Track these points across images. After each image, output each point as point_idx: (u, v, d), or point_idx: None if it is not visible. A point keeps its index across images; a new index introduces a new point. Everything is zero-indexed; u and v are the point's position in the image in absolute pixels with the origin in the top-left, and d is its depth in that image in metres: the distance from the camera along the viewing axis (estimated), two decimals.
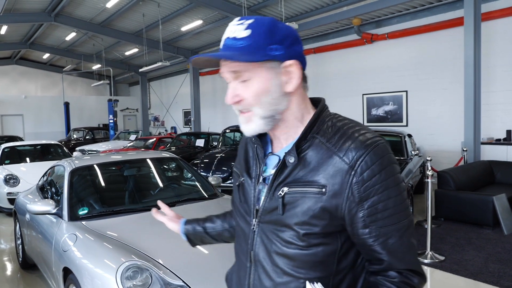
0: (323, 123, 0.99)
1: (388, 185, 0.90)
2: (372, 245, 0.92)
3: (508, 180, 6.53)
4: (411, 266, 0.93)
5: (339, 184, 0.90)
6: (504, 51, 7.93)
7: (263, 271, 1.01)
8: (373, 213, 0.90)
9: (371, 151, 0.90)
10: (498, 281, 3.79)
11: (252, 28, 0.94)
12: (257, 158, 1.06)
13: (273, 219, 0.98)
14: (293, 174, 0.95)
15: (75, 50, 18.33)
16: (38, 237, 3.48)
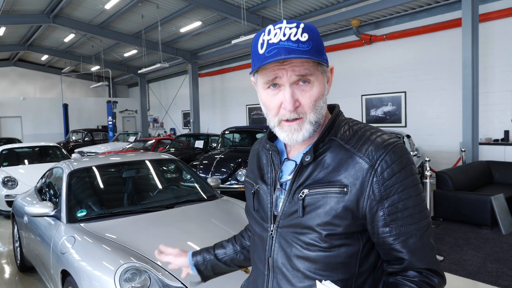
0: (339, 126, 1.01)
1: (408, 185, 0.92)
2: (393, 244, 0.92)
3: (506, 180, 6.54)
4: (431, 265, 0.94)
5: (360, 183, 0.91)
6: (501, 52, 7.96)
7: (282, 277, 1.00)
8: (393, 212, 0.91)
9: (391, 151, 0.92)
10: (496, 280, 3.80)
11: (308, 32, 0.92)
12: (272, 164, 1.07)
13: (293, 223, 0.97)
14: (313, 176, 0.96)
15: (74, 51, 18.33)
16: (36, 239, 3.48)
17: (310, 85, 0.94)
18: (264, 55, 0.92)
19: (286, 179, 1.03)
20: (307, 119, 0.95)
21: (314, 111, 0.95)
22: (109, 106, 17.44)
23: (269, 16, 11.18)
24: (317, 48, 0.93)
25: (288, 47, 0.89)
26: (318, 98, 0.95)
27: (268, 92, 0.97)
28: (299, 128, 0.95)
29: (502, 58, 7.97)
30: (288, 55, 0.89)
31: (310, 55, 0.90)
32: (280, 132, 0.98)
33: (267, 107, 0.99)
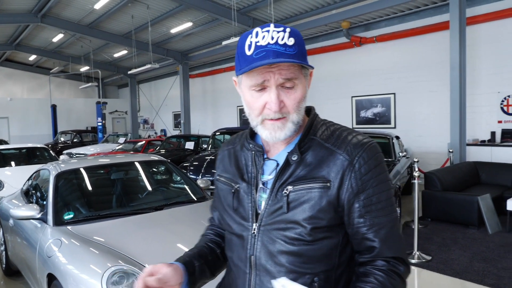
0: (317, 127, 1.08)
1: (381, 180, 1.01)
2: (366, 233, 0.99)
3: (492, 180, 6.64)
4: (398, 253, 1.01)
5: (340, 177, 0.98)
6: (488, 54, 8.08)
7: (266, 274, 1.03)
8: (368, 204, 0.99)
9: (367, 149, 1.01)
10: (482, 279, 3.85)
11: (294, 36, 0.96)
12: (255, 164, 1.09)
13: (277, 219, 1.01)
14: (295, 174, 1.01)
15: (62, 51, 18.12)
16: (22, 243, 3.43)
17: (295, 87, 0.98)
18: (252, 56, 0.94)
19: (267, 178, 1.06)
20: (290, 119, 0.99)
21: (297, 112, 1.00)
22: (98, 107, 17.29)
23: (260, 17, 11.20)
24: (302, 52, 0.97)
25: (276, 50, 0.93)
26: (301, 100, 1.00)
27: (253, 94, 0.99)
28: (282, 127, 0.99)
29: (488, 61, 8.09)
30: (276, 58, 0.92)
31: (296, 59, 0.94)
32: (263, 130, 1.01)
33: (251, 107, 1.01)
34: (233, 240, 1.12)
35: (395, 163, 6.21)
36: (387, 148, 6.59)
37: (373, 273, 0.98)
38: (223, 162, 1.21)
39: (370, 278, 0.97)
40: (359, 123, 10.74)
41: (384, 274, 0.97)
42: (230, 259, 1.16)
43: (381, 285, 0.96)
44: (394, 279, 0.97)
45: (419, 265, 4.29)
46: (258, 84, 0.97)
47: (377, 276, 0.97)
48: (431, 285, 3.86)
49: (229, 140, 1.26)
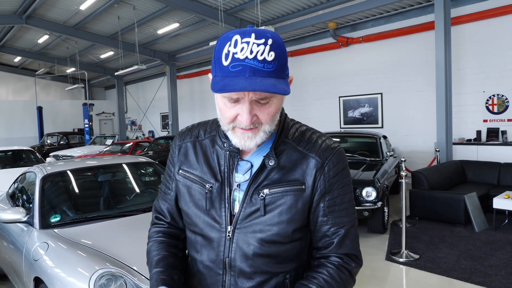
0: (288, 128, 1.09)
1: (346, 183, 1.07)
2: (327, 231, 1.05)
3: (478, 179, 6.75)
4: (353, 251, 1.07)
5: (312, 180, 1.03)
6: (473, 54, 8.22)
7: (241, 275, 1.03)
8: (332, 205, 1.05)
9: (336, 153, 1.06)
10: (469, 277, 3.90)
11: (275, 50, 0.91)
12: (228, 164, 1.06)
13: (253, 222, 1.01)
14: (270, 177, 1.02)
15: (48, 53, 17.87)
16: (8, 246, 3.36)
17: (270, 103, 0.96)
18: (228, 68, 0.91)
19: (241, 179, 1.05)
20: (262, 129, 0.98)
21: (270, 124, 0.99)
22: (85, 109, 17.08)
23: (246, 18, 11.20)
24: (281, 66, 0.93)
25: (253, 66, 0.89)
26: (275, 113, 0.99)
27: (226, 102, 0.97)
28: (253, 136, 0.98)
29: (473, 60, 8.23)
30: (252, 76, 0.89)
31: (274, 76, 0.91)
32: (233, 136, 1.00)
33: (222, 115, 0.99)
34: (199, 241, 1.08)
35: (383, 162, 6.27)
36: (375, 148, 6.64)
37: (326, 266, 1.04)
38: (187, 156, 1.14)
39: (322, 270, 1.04)
40: (347, 123, 10.82)
41: (335, 268, 1.04)
42: (195, 260, 1.11)
43: (331, 277, 1.02)
44: (344, 273, 1.04)
45: (407, 264, 4.33)
46: (232, 99, 0.94)
47: (329, 269, 1.04)
48: (418, 283, 3.90)
49: (190, 131, 1.18)
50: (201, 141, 1.13)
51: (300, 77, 11.63)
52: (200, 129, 1.17)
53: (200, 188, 1.08)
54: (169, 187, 1.19)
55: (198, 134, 1.15)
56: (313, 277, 1.03)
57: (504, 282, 3.74)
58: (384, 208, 5.46)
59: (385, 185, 5.63)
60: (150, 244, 1.20)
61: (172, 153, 1.18)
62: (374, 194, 5.08)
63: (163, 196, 1.22)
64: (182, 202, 1.13)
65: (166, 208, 1.21)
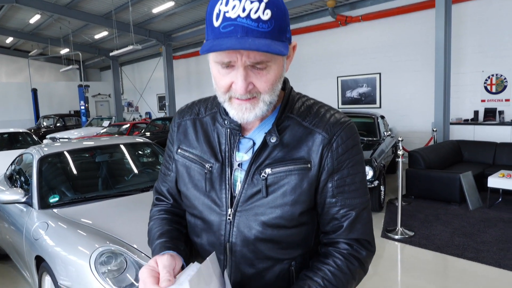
0: (293, 102, 0.99)
1: (357, 161, 0.97)
2: (336, 214, 0.96)
3: (474, 158, 6.80)
4: (365, 236, 0.98)
5: (319, 157, 0.93)
6: (473, 33, 8.14)
7: (243, 260, 0.97)
8: (342, 185, 0.95)
9: (346, 128, 0.96)
10: (462, 253, 3.99)
11: (271, 8, 0.81)
12: (229, 142, 0.98)
13: (255, 205, 0.94)
14: (273, 155, 0.94)
15: (40, 33, 17.56)
16: (8, 227, 3.39)
17: (267, 69, 0.85)
18: (219, 29, 0.81)
19: (242, 158, 0.97)
20: (261, 99, 0.88)
21: (269, 93, 0.88)
22: (80, 90, 16.93)
23: None
24: (280, 27, 0.83)
25: (246, 26, 0.79)
26: (275, 81, 0.88)
27: (219, 69, 0.87)
28: (251, 108, 0.88)
29: (473, 39, 8.16)
30: (245, 36, 0.79)
31: (270, 37, 0.81)
32: (230, 108, 0.90)
33: (217, 84, 0.90)
34: (199, 224, 1.03)
35: (380, 142, 6.30)
36: (372, 128, 6.66)
37: (333, 255, 0.95)
38: (186, 134, 1.07)
39: (329, 260, 0.95)
40: (345, 103, 10.79)
41: (343, 258, 0.94)
42: (196, 244, 1.06)
43: (339, 269, 0.93)
44: (353, 264, 0.95)
45: (402, 241, 4.41)
46: (224, 63, 0.85)
47: (336, 259, 0.94)
48: (413, 259, 3.98)
49: (190, 108, 1.11)
50: (201, 118, 1.06)
51: (297, 57, 11.46)
52: (200, 106, 1.09)
53: (200, 168, 1.01)
54: (169, 168, 1.12)
55: (198, 112, 1.08)
56: (318, 268, 0.94)
57: (495, 257, 3.82)
58: (381, 187, 5.52)
59: (382, 165, 5.67)
60: (151, 223, 1.13)
61: (171, 131, 1.12)
62: (371, 173, 5.12)
63: (163, 177, 1.15)
64: (181, 184, 1.06)
65: (166, 189, 1.15)
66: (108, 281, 2.13)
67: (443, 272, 3.75)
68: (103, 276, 2.15)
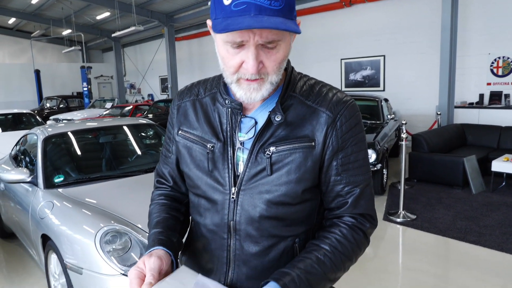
0: (295, 81, 1.00)
1: (360, 139, 0.99)
2: (340, 191, 0.99)
3: (478, 142, 6.77)
4: (368, 211, 1.01)
5: (323, 136, 0.95)
6: (480, 14, 7.99)
7: (247, 238, 0.98)
8: (346, 163, 0.98)
9: (348, 107, 0.97)
10: (464, 236, 4.01)
11: None
12: (230, 122, 0.99)
13: (259, 183, 0.95)
14: (277, 134, 0.95)
15: (42, 14, 17.38)
16: (15, 206, 3.44)
17: (277, 48, 0.87)
18: (230, 8, 0.81)
19: (244, 137, 0.98)
20: (268, 80, 0.90)
21: (276, 73, 0.90)
22: (83, 72, 16.87)
23: None
24: (290, 5, 0.83)
25: (259, 4, 0.79)
26: (283, 61, 0.90)
27: (229, 49, 0.87)
28: (259, 88, 0.90)
29: (480, 21, 8.01)
30: (258, 14, 0.79)
31: (281, 15, 0.81)
32: (238, 89, 0.91)
33: (226, 64, 0.90)
34: (203, 204, 1.04)
35: (383, 125, 6.27)
36: (376, 111, 6.62)
37: (339, 225, 0.98)
38: (186, 116, 1.07)
39: (335, 229, 0.98)
40: (348, 86, 10.71)
41: (349, 227, 0.98)
42: (199, 224, 1.06)
43: (344, 237, 0.96)
44: (358, 234, 0.98)
45: (404, 224, 4.43)
46: (235, 43, 0.84)
47: (342, 228, 0.98)
48: (415, 242, 4.01)
49: (189, 89, 1.12)
50: (201, 99, 1.06)
51: (300, 39, 11.38)
52: (200, 87, 1.09)
53: (201, 149, 1.02)
54: (169, 150, 1.13)
55: (198, 93, 1.08)
56: (325, 237, 0.97)
57: (497, 241, 3.85)
58: (383, 170, 5.52)
59: (385, 148, 5.66)
60: (151, 207, 1.15)
61: (171, 114, 1.12)
62: (374, 156, 5.12)
63: (164, 159, 1.17)
64: (183, 164, 1.07)
65: (168, 172, 1.16)
66: (113, 260, 2.16)
67: (445, 255, 3.78)
68: (108, 254, 2.18)
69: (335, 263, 0.94)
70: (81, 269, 2.23)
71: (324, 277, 0.92)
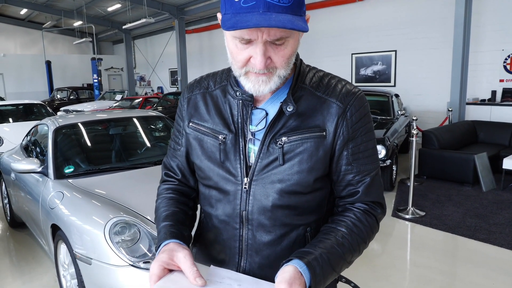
0: (305, 73, 1.03)
1: (369, 129, 1.02)
2: (351, 180, 1.01)
3: (490, 139, 6.68)
4: (378, 199, 1.04)
5: (334, 126, 0.97)
6: (494, 9, 7.83)
7: (259, 227, 1.00)
8: (356, 152, 1.00)
9: (358, 98, 1.00)
10: (474, 234, 3.97)
11: None
12: (242, 114, 1.00)
13: (272, 172, 0.97)
14: (288, 125, 0.97)
15: (54, 5, 17.49)
16: (25, 196, 3.48)
17: (285, 44, 0.88)
18: (239, 4, 0.82)
19: (255, 128, 1.00)
20: (276, 73, 0.91)
21: (285, 67, 0.92)
22: (93, 64, 16.96)
23: None
24: (298, 2, 0.84)
25: (268, 1, 0.80)
26: (291, 56, 0.92)
27: (237, 44, 0.88)
28: (267, 80, 0.91)
29: (494, 16, 7.85)
30: (267, 12, 0.80)
31: (290, 12, 0.82)
32: (246, 82, 0.93)
33: (234, 58, 0.92)
34: (214, 195, 1.05)
35: (394, 121, 6.21)
36: (386, 106, 6.56)
37: (353, 210, 1.01)
38: (197, 108, 1.08)
39: (349, 213, 1.01)
40: (359, 81, 10.61)
41: (362, 211, 1.01)
42: (210, 215, 1.08)
43: (359, 220, 0.99)
44: (371, 218, 1.01)
45: (412, 220, 4.40)
46: (243, 39, 0.86)
47: (356, 212, 1.01)
48: (423, 239, 3.98)
49: (198, 82, 1.12)
50: (211, 92, 1.07)
51: (311, 33, 11.29)
52: (209, 80, 1.10)
53: (213, 140, 1.02)
54: (178, 142, 1.14)
55: (208, 86, 1.09)
56: (340, 220, 1.00)
57: (508, 239, 3.80)
58: (393, 166, 5.48)
59: (394, 144, 5.62)
60: (159, 201, 1.15)
61: (181, 106, 1.12)
62: (383, 152, 5.08)
63: (172, 152, 1.17)
64: (194, 156, 1.08)
65: (176, 165, 1.16)
66: (122, 251, 2.18)
67: (453, 252, 3.75)
68: (117, 245, 2.20)
69: (352, 245, 0.96)
70: (90, 260, 2.26)
71: (343, 257, 0.94)
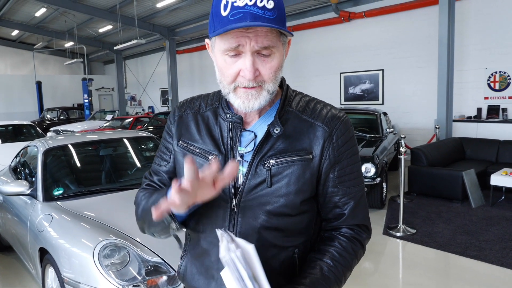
0: (291, 97, 1.05)
1: (354, 152, 1.04)
2: (338, 202, 1.03)
3: (477, 156, 6.78)
4: (364, 221, 1.06)
5: (320, 149, 0.99)
6: (476, 30, 8.10)
7: None
8: (342, 175, 1.02)
9: (343, 122, 1.03)
10: (464, 251, 3.99)
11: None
12: (231, 136, 1.01)
13: (259, 194, 0.97)
14: (275, 147, 0.98)
15: (45, 27, 17.58)
16: (13, 219, 3.43)
17: (272, 56, 0.92)
18: (227, 18, 0.87)
19: (244, 150, 1.01)
20: (265, 88, 0.93)
21: (273, 81, 0.94)
22: (84, 84, 16.97)
23: None
24: (281, 17, 0.90)
25: (254, 13, 0.85)
26: (278, 69, 0.94)
27: (226, 59, 0.92)
28: (257, 95, 0.93)
29: (476, 36, 8.11)
30: (254, 22, 0.85)
31: (275, 23, 0.87)
32: (235, 98, 0.95)
33: (223, 74, 0.94)
34: (203, 213, 1.03)
35: (382, 139, 6.29)
36: (375, 125, 6.65)
37: (338, 238, 1.03)
38: (187, 128, 1.08)
39: (335, 242, 1.02)
40: (348, 100, 10.77)
41: (347, 240, 1.02)
42: (198, 236, 1.07)
43: (344, 249, 1.01)
44: (356, 245, 1.03)
45: (403, 238, 4.42)
46: (232, 49, 0.89)
47: (341, 241, 1.02)
48: (415, 257, 3.99)
49: (190, 102, 1.13)
50: (203, 113, 1.08)
51: (300, 53, 11.50)
52: (201, 101, 1.11)
53: (202, 161, 1.02)
54: (165, 158, 1.13)
55: (199, 107, 1.10)
56: (326, 250, 1.01)
57: (498, 256, 3.83)
58: (383, 184, 5.53)
59: (384, 161, 5.67)
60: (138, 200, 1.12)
61: (170, 124, 1.12)
62: (373, 170, 5.13)
63: (156, 168, 1.15)
64: (181, 174, 1.07)
65: (158, 180, 1.14)
66: (111, 274, 2.15)
67: (445, 270, 3.76)
68: (106, 269, 2.17)
69: (338, 276, 0.98)
70: (78, 284, 2.22)
71: None
